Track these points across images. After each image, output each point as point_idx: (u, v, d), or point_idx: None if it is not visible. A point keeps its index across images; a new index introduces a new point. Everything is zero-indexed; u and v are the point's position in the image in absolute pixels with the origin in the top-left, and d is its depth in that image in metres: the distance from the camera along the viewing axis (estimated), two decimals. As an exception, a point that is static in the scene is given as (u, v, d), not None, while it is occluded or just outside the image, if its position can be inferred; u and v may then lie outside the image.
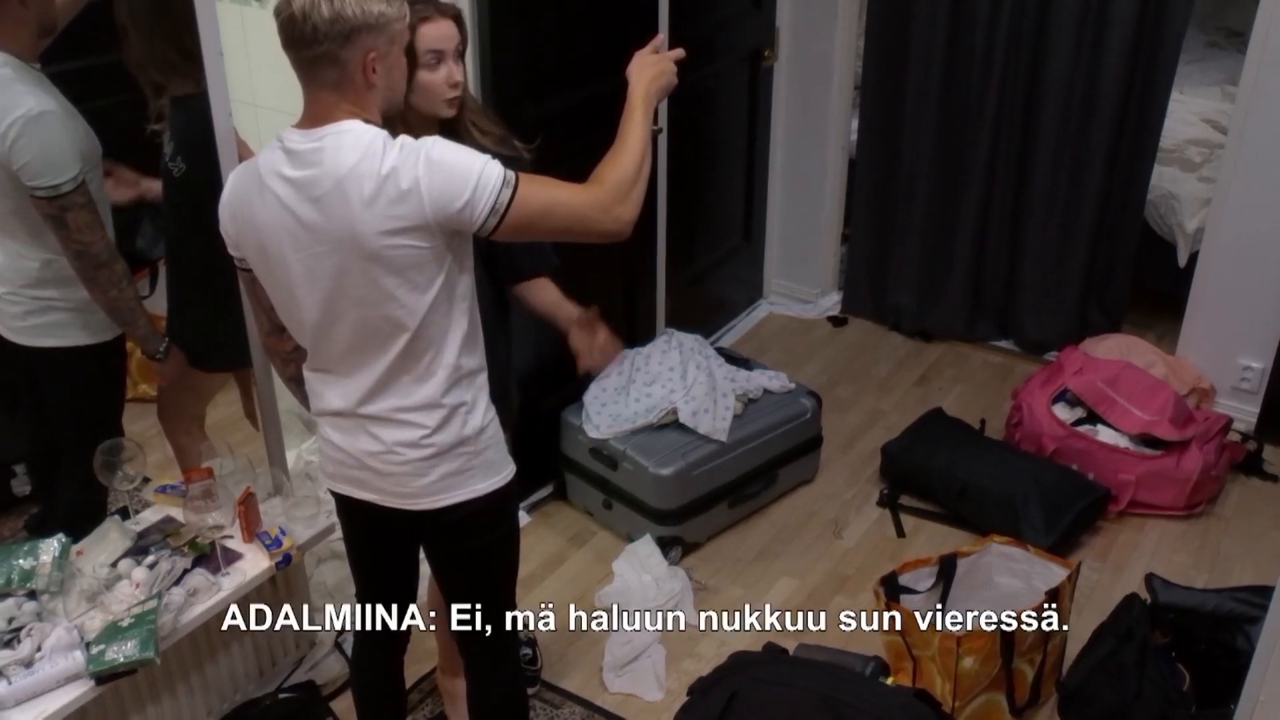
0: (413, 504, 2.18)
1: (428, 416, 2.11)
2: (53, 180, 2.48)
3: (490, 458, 2.21)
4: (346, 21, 1.89)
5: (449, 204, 1.91)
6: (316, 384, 2.19)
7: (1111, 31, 4.01)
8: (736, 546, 3.65)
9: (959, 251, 4.62)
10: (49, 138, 2.47)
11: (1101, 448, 3.70)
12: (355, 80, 1.95)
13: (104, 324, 2.76)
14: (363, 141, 1.92)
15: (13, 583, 2.55)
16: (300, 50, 1.92)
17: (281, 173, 1.97)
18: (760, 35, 4.54)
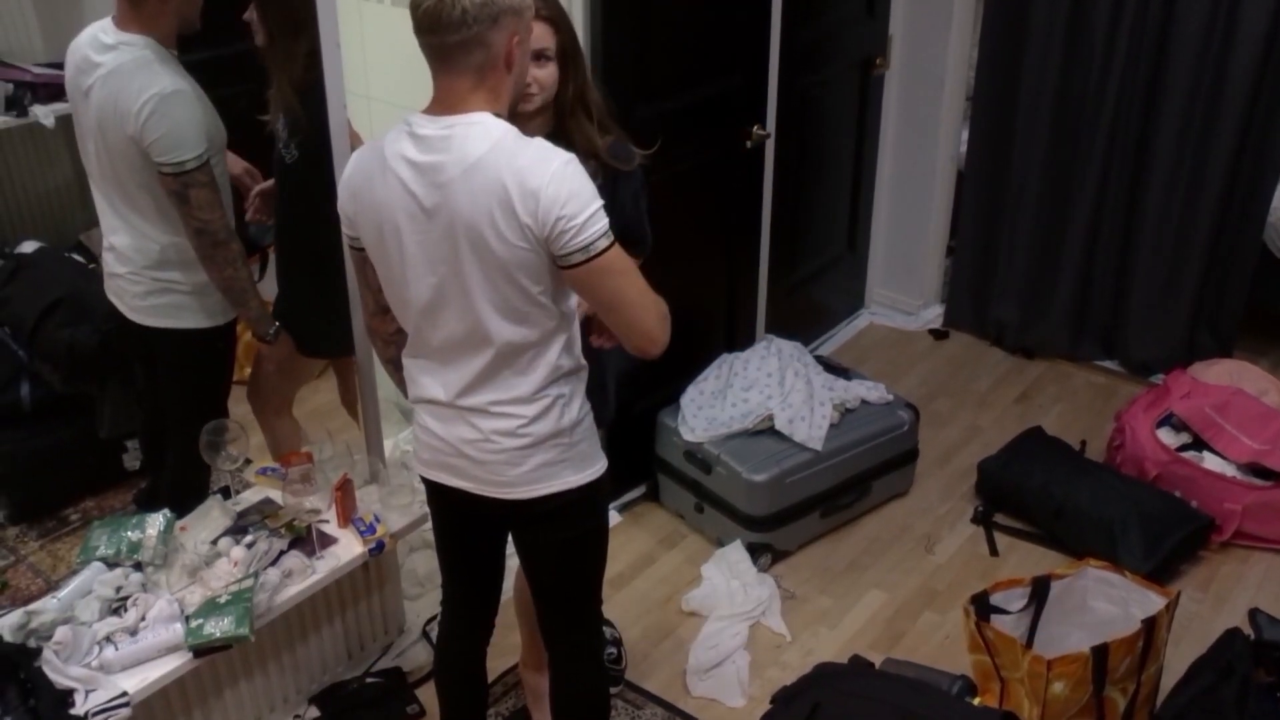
0: (506, 493, 2.20)
1: (526, 408, 2.12)
2: (180, 157, 2.57)
3: (584, 450, 2.22)
4: (496, 4, 1.91)
5: (557, 221, 1.93)
6: (416, 371, 2.22)
7: (1237, 44, 3.91)
8: (827, 556, 3.63)
9: (1065, 268, 4.55)
10: (179, 116, 2.56)
11: (1207, 475, 3.61)
12: (498, 65, 1.98)
13: (219, 308, 2.83)
14: (494, 135, 1.95)
15: (121, 553, 2.65)
16: (447, 35, 1.92)
17: (407, 156, 2.00)
18: (872, 43, 4.51)
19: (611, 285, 2.01)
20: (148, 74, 2.55)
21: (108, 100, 2.57)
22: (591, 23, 3.10)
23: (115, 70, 2.56)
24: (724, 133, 3.74)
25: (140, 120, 2.53)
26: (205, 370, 2.95)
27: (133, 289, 2.80)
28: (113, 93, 2.56)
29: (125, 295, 2.83)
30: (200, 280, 2.76)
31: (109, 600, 2.55)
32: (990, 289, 4.78)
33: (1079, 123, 4.32)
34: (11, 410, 3.26)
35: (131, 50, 2.57)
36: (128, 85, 2.54)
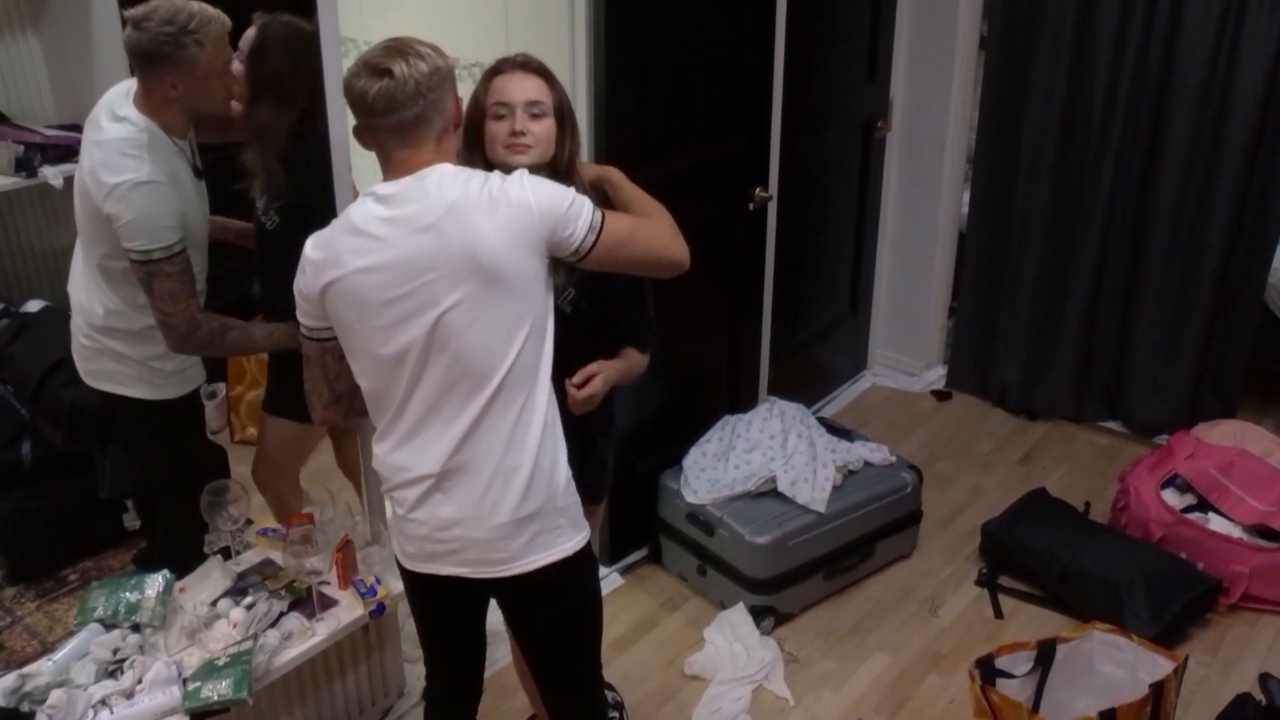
0: (504, 570, 2.16)
1: (521, 471, 2.10)
2: (146, 245, 2.54)
3: (575, 513, 2.21)
4: (440, 71, 2.03)
5: (555, 216, 2.03)
6: (394, 457, 2.18)
7: (1235, 105, 3.94)
8: (830, 619, 3.59)
9: (1068, 329, 4.54)
10: (151, 206, 2.52)
11: (1212, 537, 3.58)
12: (449, 127, 2.10)
13: (168, 383, 2.81)
14: (460, 176, 2.04)
15: (119, 615, 2.61)
16: (405, 111, 2.00)
17: (379, 215, 2.03)
18: (874, 105, 4.54)
19: (626, 238, 2.15)
20: (132, 159, 2.53)
21: (92, 167, 2.57)
22: (594, 84, 3.13)
23: (106, 143, 2.55)
24: (726, 194, 3.75)
25: (112, 201, 2.51)
26: (165, 441, 2.92)
27: (83, 350, 2.80)
28: (96, 163, 2.55)
29: (79, 355, 2.83)
30: (148, 354, 2.75)
31: (106, 663, 2.52)
32: (993, 350, 4.78)
33: (1080, 184, 4.34)
34: (13, 469, 3.25)
35: (130, 129, 2.56)
36: (109, 161, 2.53)
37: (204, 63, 2.54)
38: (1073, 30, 4.16)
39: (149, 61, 2.50)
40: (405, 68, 1.98)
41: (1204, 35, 3.92)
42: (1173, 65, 4.02)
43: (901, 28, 4.49)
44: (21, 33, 3.29)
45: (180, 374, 2.84)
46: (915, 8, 4.46)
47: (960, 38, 4.43)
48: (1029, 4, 4.25)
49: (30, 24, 3.26)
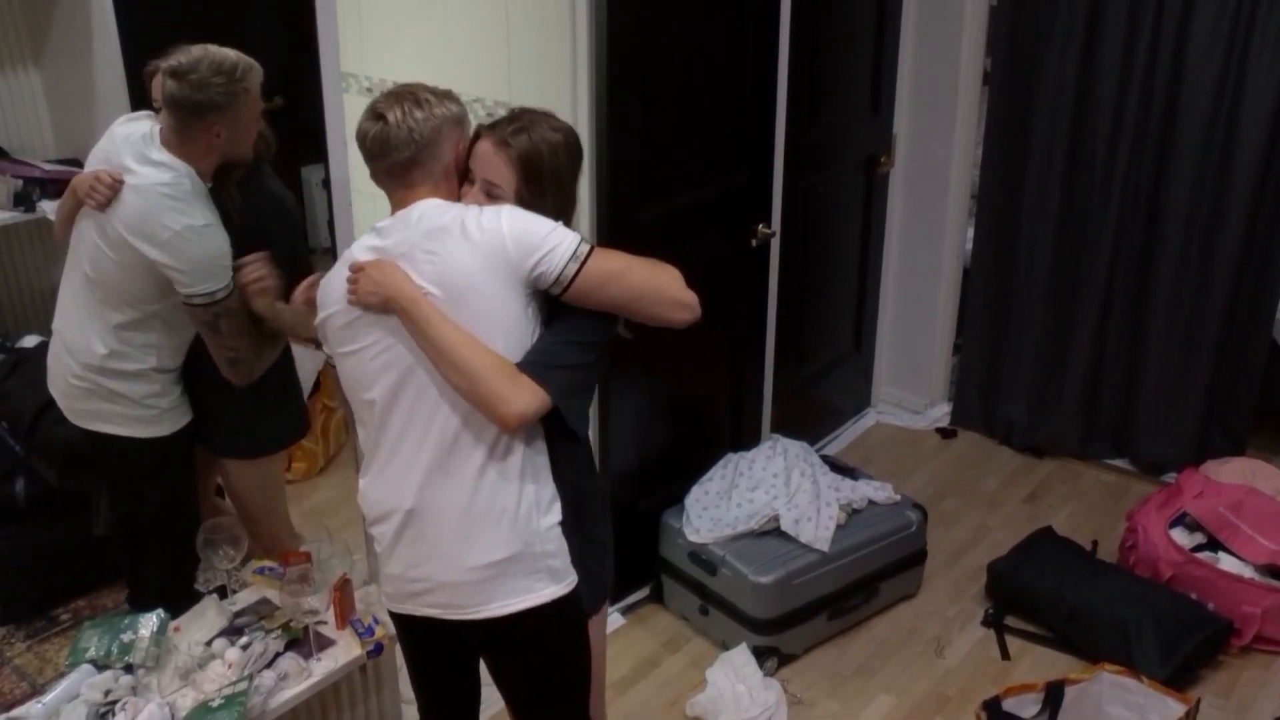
0: (474, 613, 2.13)
1: (494, 513, 2.08)
2: (211, 287, 2.59)
3: (560, 561, 2.16)
4: (436, 117, 2.07)
5: (530, 242, 2.01)
6: (370, 491, 2.19)
7: (1240, 142, 3.93)
8: (835, 660, 3.55)
9: (1074, 366, 4.52)
10: (212, 248, 2.58)
11: (1223, 577, 3.54)
12: (450, 174, 2.12)
13: (161, 420, 2.81)
14: (442, 207, 2.08)
15: (112, 655, 2.57)
16: (397, 155, 2.06)
17: (369, 245, 2.10)
18: (877, 141, 4.54)
19: (616, 273, 2.08)
20: (184, 204, 2.55)
21: (130, 215, 2.56)
22: (596, 120, 3.12)
23: (148, 189, 2.55)
24: (729, 231, 3.74)
25: (168, 249, 2.54)
26: (155, 480, 2.91)
27: (72, 389, 2.78)
28: (139, 211, 2.55)
29: (65, 394, 2.82)
30: (144, 392, 2.75)
31: (97, 705, 2.47)
32: (998, 387, 4.76)
33: (1085, 220, 4.33)
34: (6, 506, 3.23)
35: (173, 174, 2.56)
36: (160, 209, 2.54)
37: (248, 111, 2.59)
38: (1077, 65, 4.16)
39: (198, 111, 2.51)
40: (400, 114, 2.05)
41: (1209, 70, 3.92)
42: (1178, 100, 4.02)
43: (904, 63, 4.50)
44: (23, 67, 3.31)
45: (172, 411, 2.83)
46: (918, 43, 4.47)
47: (964, 73, 4.43)
48: (1032, 39, 4.25)
49: (31, 59, 3.28)
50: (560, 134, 2.16)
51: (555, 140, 2.15)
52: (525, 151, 2.12)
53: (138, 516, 2.99)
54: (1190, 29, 3.91)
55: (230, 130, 2.57)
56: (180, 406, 2.85)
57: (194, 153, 2.58)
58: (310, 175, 4.38)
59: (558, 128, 2.17)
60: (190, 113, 2.51)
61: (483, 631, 2.16)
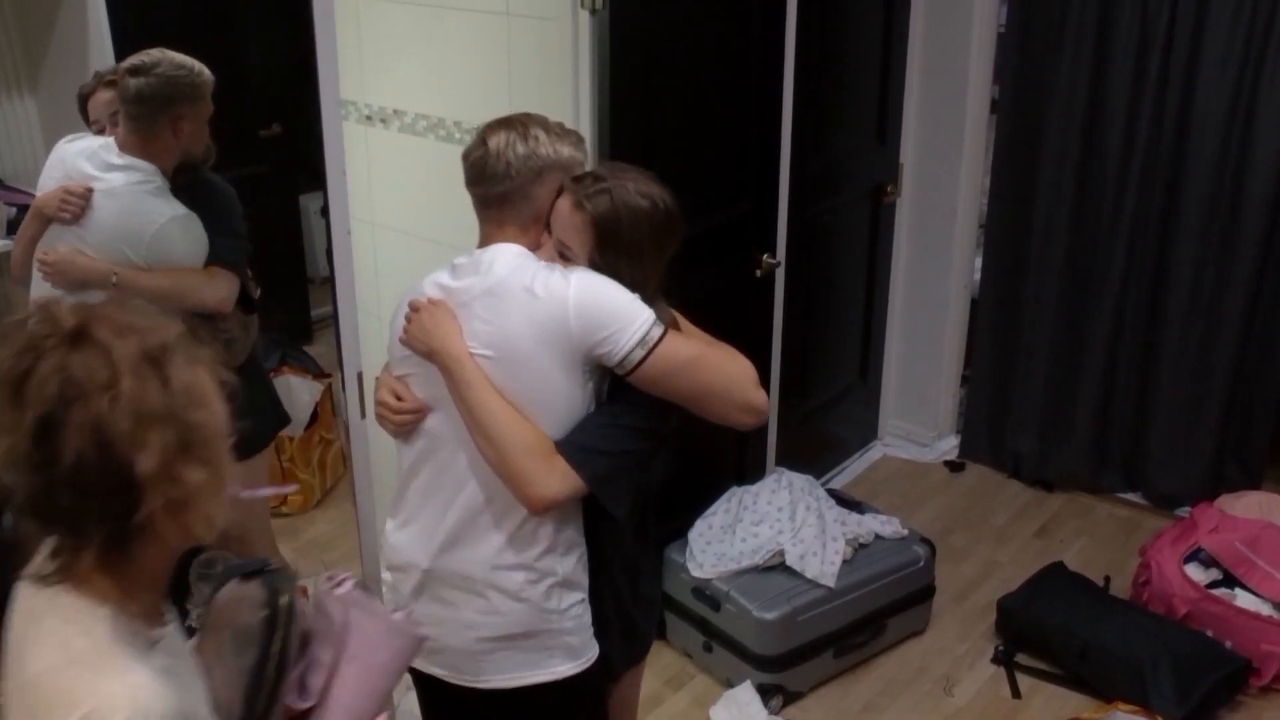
0: (477, 682, 2.08)
1: (511, 588, 2.01)
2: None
3: (575, 639, 2.08)
4: (539, 158, 1.96)
5: (595, 318, 1.90)
6: (395, 537, 2.14)
7: (1254, 165, 3.90)
8: (841, 698, 3.50)
9: (1084, 397, 4.48)
10: (195, 234, 2.68)
11: (1240, 614, 3.48)
12: (542, 218, 2.00)
13: None
14: (518, 260, 1.97)
15: None
16: (490, 186, 1.97)
17: (440, 281, 2.03)
18: (883, 170, 4.52)
19: (686, 364, 1.94)
20: (160, 200, 2.64)
21: (111, 217, 2.63)
22: (598, 149, 3.09)
23: (122, 192, 2.62)
24: (733, 261, 3.71)
25: (154, 244, 2.62)
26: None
27: None
28: (119, 211, 2.63)
29: None
30: None
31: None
32: (1007, 419, 4.72)
33: (1095, 250, 4.30)
34: (-5, 540, 3.17)
35: (141, 175, 2.64)
36: (138, 207, 2.62)
37: (205, 108, 2.69)
38: (1086, 91, 4.14)
39: (162, 104, 2.60)
40: (502, 144, 1.96)
41: (1221, 95, 3.90)
42: (1188, 129, 3.99)
43: (911, 90, 4.49)
44: (18, 94, 3.33)
45: None
46: (925, 71, 4.45)
47: (971, 101, 4.42)
48: (1041, 67, 4.24)
49: (27, 86, 3.29)
50: (648, 200, 1.98)
51: (639, 207, 1.97)
52: (602, 215, 1.96)
53: None
54: (1201, 56, 3.90)
55: (193, 125, 2.67)
56: None
57: (156, 151, 2.66)
58: (308, 204, 4.38)
59: (645, 193, 1.98)
60: (158, 105, 2.59)
61: (490, 701, 2.10)
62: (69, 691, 1.25)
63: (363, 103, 3.47)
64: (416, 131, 3.35)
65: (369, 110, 3.47)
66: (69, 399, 1.20)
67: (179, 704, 1.29)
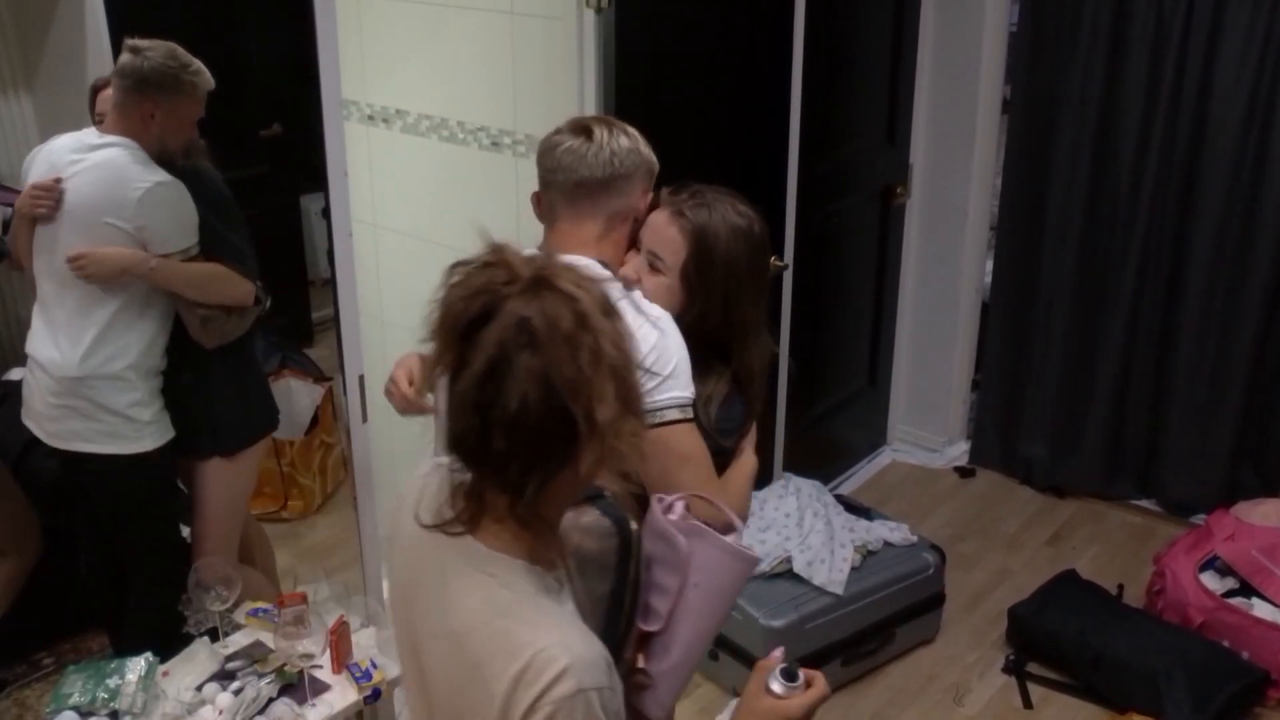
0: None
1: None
2: (185, 243, 2.69)
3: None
4: (640, 154, 1.94)
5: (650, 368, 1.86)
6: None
7: (1270, 166, 3.88)
8: (849, 708, 3.48)
9: (1097, 402, 4.45)
10: (180, 202, 2.68)
11: (1258, 624, 3.45)
12: (629, 217, 1.96)
13: (143, 434, 2.80)
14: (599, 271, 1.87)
15: (97, 701, 2.51)
16: (589, 175, 1.91)
17: None
18: (892, 171, 4.50)
19: (679, 458, 1.89)
20: (143, 167, 2.65)
21: (94, 189, 2.65)
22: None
23: (104, 163, 2.65)
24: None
25: (140, 207, 2.63)
26: (138, 505, 2.90)
27: (51, 410, 2.79)
28: (101, 181, 2.65)
29: (43, 418, 2.82)
30: (126, 401, 2.76)
31: (78, 754, 2.42)
32: (1018, 425, 4.70)
33: (1107, 252, 4.28)
34: (-10, 544, 3.17)
35: (121, 148, 2.67)
36: (122, 174, 2.64)
37: (186, 107, 2.69)
38: (1099, 91, 4.12)
39: (141, 85, 2.63)
40: (607, 135, 1.91)
41: (1237, 95, 3.87)
42: (1204, 126, 3.97)
43: (921, 90, 4.47)
44: (14, 94, 3.33)
45: (155, 424, 2.82)
46: (935, 71, 4.44)
47: (982, 100, 4.40)
48: (1053, 66, 4.22)
49: (24, 85, 3.30)
50: (745, 220, 1.99)
51: (738, 225, 1.98)
52: (702, 226, 1.96)
53: (121, 548, 2.95)
54: (1217, 54, 3.87)
55: (166, 116, 2.67)
56: (162, 421, 2.85)
57: (133, 128, 2.68)
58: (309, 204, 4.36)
59: (743, 213, 2.00)
60: (134, 84, 2.64)
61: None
62: (505, 644, 1.33)
63: (365, 103, 3.46)
64: (419, 132, 3.33)
65: (371, 110, 3.45)
66: (524, 345, 1.24)
67: (600, 645, 1.36)
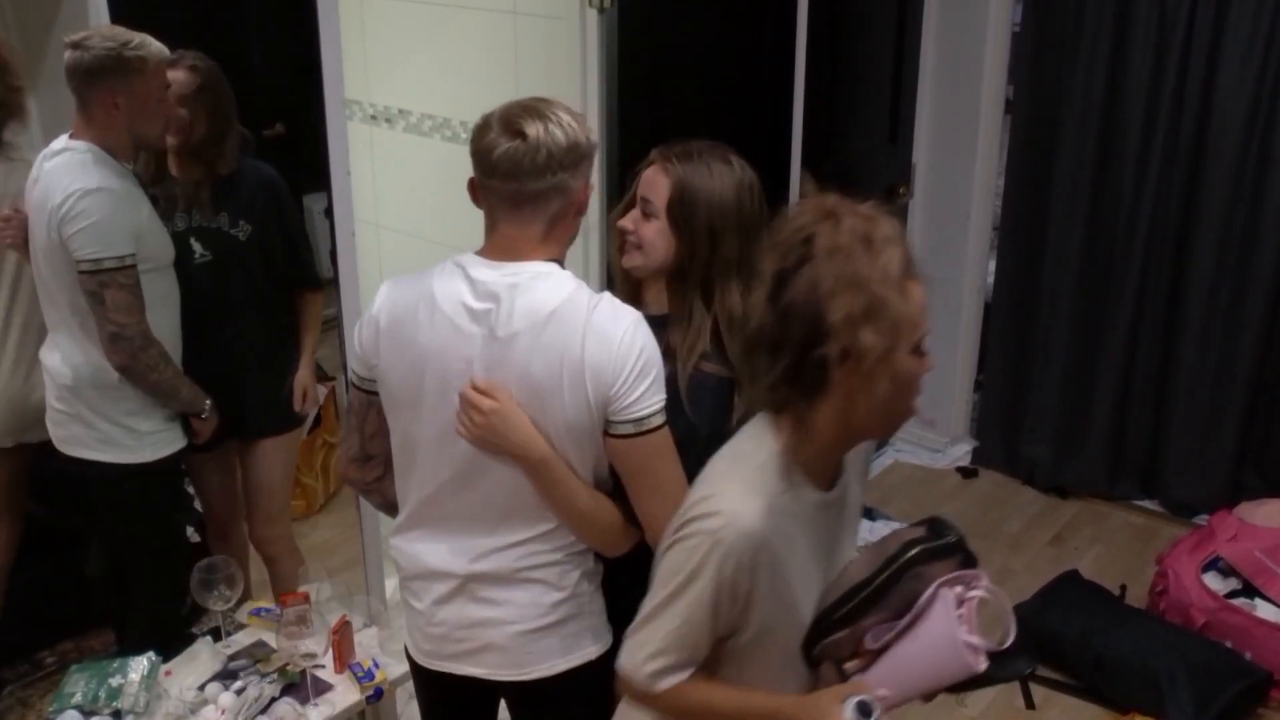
0: (523, 674, 2.05)
1: (552, 572, 1.99)
2: (97, 254, 2.55)
3: (600, 619, 2.09)
4: (578, 150, 1.86)
5: (621, 385, 1.84)
6: (416, 549, 2.07)
7: (1273, 171, 3.87)
8: (852, 708, 3.44)
9: (1100, 403, 4.45)
10: (101, 212, 2.54)
11: (1260, 625, 3.44)
12: (570, 212, 1.91)
13: (143, 445, 2.77)
14: (566, 289, 1.87)
15: (99, 700, 2.50)
16: (526, 181, 1.84)
17: (465, 302, 1.88)
18: (895, 171, 4.50)
19: (649, 466, 1.90)
20: (78, 172, 2.55)
21: (40, 202, 2.58)
22: (607, 152, 3.08)
23: (50, 171, 2.58)
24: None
25: (61, 215, 2.53)
26: (137, 513, 2.86)
27: (55, 415, 2.77)
28: (44, 192, 2.57)
29: (51, 422, 2.80)
30: (123, 411, 2.72)
31: (81, 753, 2.42)
32: (1021, 425, 4.69)
33: (1111, 252, 4.27)
34: (-8, 543, 3.17)
35: (70, 153, 2.59)
36: (56, 183, 2.55)
37: (143, 83, 2.58)
38: (1102, 93, 4.11)
39: (91, 78, 2.54)
40: (542, 133, 1.82)
41: (1240, 100, 3.86)
42: (1207, 130, 3.96)
43: (924, 90, 4.47)
44: None
45: (156, 435, 2.78)
46: (938, 70, 4.43)
47: (985, 101, 4.39)
48: (1056, 66, 4.21)
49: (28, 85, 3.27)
50: (730, 164, 2.07)
51: (722, 166, 2.06)
52: (686, 167, 2.05)
53: (122, 553, 2.94)
54: (1220, 54, 3.87)
55: (127, 100, 2.57)
56: (164, 432, 2.80)
57: (96, 129, 2.59)
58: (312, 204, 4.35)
59: (730, 160, 2.07)
60: (86, 79, 2.54)
61: (521, 689, 2.08)
62: (711, 474, 1.65)
63: (367, 102, 3.45)
64: (422, 132, 3.33)
65: (374, 110, 3.45)
66: (805, 258, 1.55)
67: (768, 543, 1.58)
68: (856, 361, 1.51)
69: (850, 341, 1.50)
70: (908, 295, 1.54)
